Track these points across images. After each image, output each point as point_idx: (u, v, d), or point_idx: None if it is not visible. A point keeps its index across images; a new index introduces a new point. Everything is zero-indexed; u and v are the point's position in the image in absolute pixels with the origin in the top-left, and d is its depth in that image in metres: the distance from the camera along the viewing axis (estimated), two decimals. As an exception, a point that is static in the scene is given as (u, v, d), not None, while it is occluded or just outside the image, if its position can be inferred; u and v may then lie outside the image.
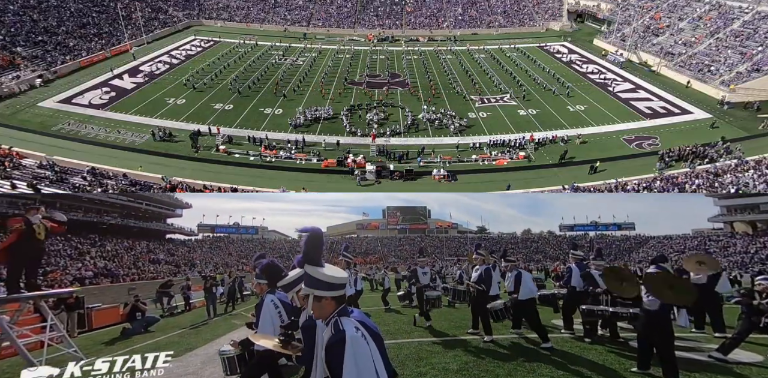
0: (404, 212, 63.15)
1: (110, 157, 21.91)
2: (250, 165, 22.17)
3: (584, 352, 6.48)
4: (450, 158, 22.85)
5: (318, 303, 2.44)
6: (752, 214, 42.38)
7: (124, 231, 33.55)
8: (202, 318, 12.56)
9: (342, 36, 50.24)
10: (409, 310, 11.80)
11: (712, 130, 25.72)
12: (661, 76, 35.94)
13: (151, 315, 11.33)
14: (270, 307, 4.19)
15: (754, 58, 32.42)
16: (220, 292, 15.37)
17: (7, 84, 28.92)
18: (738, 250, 37.11)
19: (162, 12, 50.70)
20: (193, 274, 29.09)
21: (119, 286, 22.03)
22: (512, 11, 55.85)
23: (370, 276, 22.43)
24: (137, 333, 10.18)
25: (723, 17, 38.83)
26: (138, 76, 33.79)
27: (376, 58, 41.87)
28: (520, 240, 58.11)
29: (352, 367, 2.23)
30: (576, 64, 39.55)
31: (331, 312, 2.44)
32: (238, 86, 31.41)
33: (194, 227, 49.43)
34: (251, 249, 48.76)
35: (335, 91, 32.02)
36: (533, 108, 29.36)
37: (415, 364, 5.78)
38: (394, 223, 62.99)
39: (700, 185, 19.50)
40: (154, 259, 31.38)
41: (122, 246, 30.50)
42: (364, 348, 2.30)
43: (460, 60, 40.96)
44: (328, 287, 2.41)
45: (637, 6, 47.47)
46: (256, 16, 54.57)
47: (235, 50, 42.27)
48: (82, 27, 39.94)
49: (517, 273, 7.25)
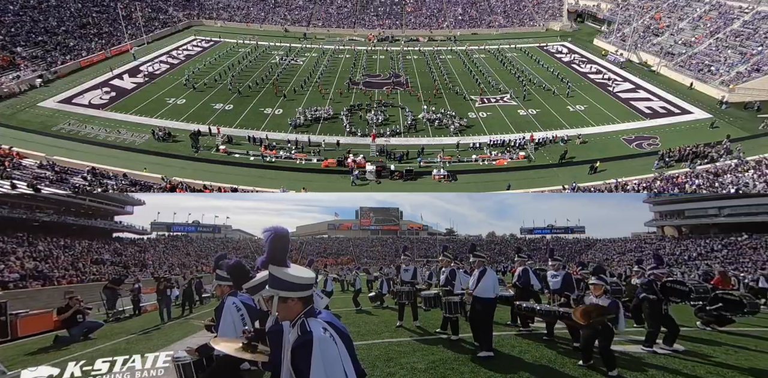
0: (377, 213, 63.58)
1: (110, 157, 21.91)
2: (250, 165, 22.17)
3: (540, 349, 6.81)
4: (450, 158, 22.85)
5: (284, 304, 2.34)
6: (678, 220, 46.84)
7: (60, 229, 30.64)
8: (154, 323, 11.65)
9: (342, 36, 50.24)
10: (380, 311, 11.83)
11: (712, 130, 25.72)
12: (661, 76, 35.94)
13: (92, 320, 10.13)
14: (232, 309, 3.97)
15: (754, 58, 32.43)
16: (176, 295, 14.46)
17: (7, 84, 28.92)
18: (666, 252, 39.91)
19: (162, 12, 50.70)
20: (145, 276, 27.16)
21: (53, 290, 20.48)
22: (512, 11, 55.85)
23: (341, 277, 21.75)
24: (75, 341, 9.02)
25: (723, 17, 38.83)
26: (138, 76, 33.80)
27: (376, 58, 41.88)
28: (484, 242, 59.36)
29: (319, 369, 2.16)
30: (576, 64, 39.55)
31: (298, 313, 2.34)
32: (238, 86, 31.41)
33: (147, 225, 46.79)
34: (212, 249, 46.25)
35: (335, 91, 32.03)
36: (533, 108, 29.36)
37: (385, 365, 5.87)
38: (367, 224, 63.21)
39: (700, 185, 19.51)
40: (97, 259, 29.00)
41: (58, 245, 28.00)
42: (333, 349, 2.23)
43: (460, 60, 40.96)
44: (293, 288, 2.33)
45: (637, 6, 47.48)
46: (256, 16, 54.57)
47: (235, 50, 42.29)
48: (82, 27, 39.94)
49: (482, 270, 6.84)
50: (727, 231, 41.18)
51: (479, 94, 31.84)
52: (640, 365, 5.95)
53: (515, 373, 5.49)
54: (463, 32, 51.73)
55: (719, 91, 30.86)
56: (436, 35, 51.17)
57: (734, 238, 38.62)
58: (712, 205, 42.87)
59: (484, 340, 6.36)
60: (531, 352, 6.62)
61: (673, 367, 5.87)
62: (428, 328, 8.48)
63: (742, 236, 38.19)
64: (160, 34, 46.11)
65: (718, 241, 39.37)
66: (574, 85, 33.10)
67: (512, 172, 22.03)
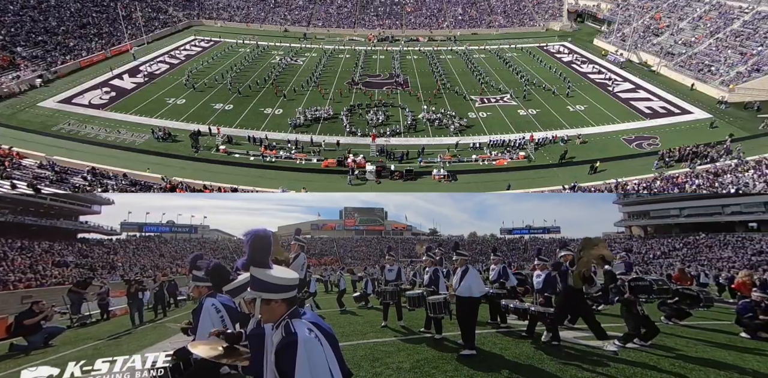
0: (362, 213, 63.17)
1: (110, 157, 21.91)
2: (250, 165, 22.18)
3: (520, 346, 6.93)
4: (450, 158, 22.86)
5: (267, 306, 2.31)
6: (644, 220, 49.60)
7: (16, 230, 29.16)
8: (124, 327, 11.06)
9: (342, 36, 50.25)
10: (365, 312, 11.81)
11: (712, 130, 25.73)
12: (661, 76, 35.95)
13: (53, 325, 9.39)
14: (211, 311, 3.79)
15: (754, 58, 32.43)
16: (147, 298, 13.85)
17: (7, 84, 28.92)
18: (634, 251, 41.53)
19: (162, 12, 50.71)
20: (114, 278, 26.10)
21: (9, 294, 19.78)
22: (512, 11, 55.86)
23: (325, 278, 21.79)
24: (36, 348, 8.38)
25: (723, 17, 38.84)
26: (138, 76, 33.80)
27: (376, 58, 41.88)
28: (466, 242, 59.70)
29: (305, 370, 2.14)
30: (576, 64, 39.55)
31: (282, 315, 2.31)
32: (238, 86, 31.41)
33: (117, 226, 45.17)
34: (188, 250, 44.35)
35: (335, 91, 32.03)
36: (533, 108, 29.36)
37: (370, 365, 5.90)
38: (352, 224, 62.40)
39: (700, 185, 19.52)
40: (59, 261, 27.57)
41: (13, 247, 26.61)
42: (318, 349, 2.21)
43: (460, 60, 40.95)
44: (276, 289, 2.29)
45: (637, 6, 47.49)
46: (256, 16, 54.58)
47: (235, 50, 42.29)
48: (82, 27, 39.94)
49: (465, 269, 6.75)
50: (686, 231, 44.34)
51: (479, 94, 31.84)
52: (611, 360, 6.12)
53: (497, 371, 5.61)
54: (463, 32, 51.74)
55: (719, 91, 30.86)
56: (436, 35, 51.18)
57: (693, 237, 41.43)
58: (674, 206, 45.64)
59: (466, 339, 6.42)
60: (511, 349, 6.75)
61: (641, 360, 6.08)
62: (412, 328, 8.54)
63: (700, 235, 40.87)
64: (160, 34, 46.12)
65: (679, 240, 41.79)
66: (574, 85, 33.10)
67: (512, 172, 22.03)
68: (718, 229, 41.42)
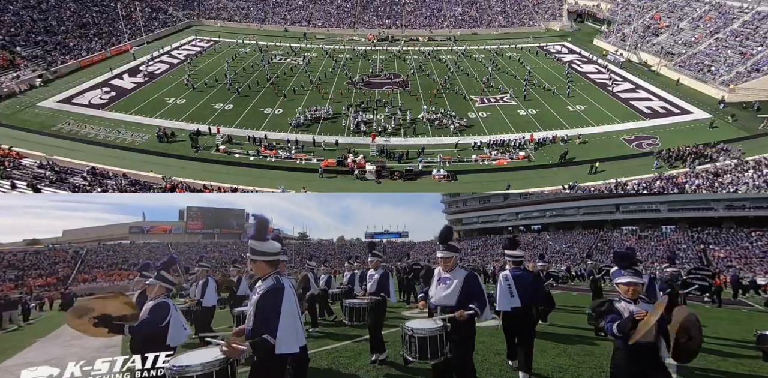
0: (213, 215, 55.28)
1: (110, 157, 21.90)
2: (250, 165, 22.17)
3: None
4: (450, 158, 22.85)
5: (255, 264, 3.33)
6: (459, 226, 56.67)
7: None
8: None
9: (342, 36, 50.23)
10: None
11: (711, 130, 25.73)
12: (661, 76, 35.94)
13: None
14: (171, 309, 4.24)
15: (753, 58, 32.42)
16: None
17: (7, 84, 28.91)
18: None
19: (162, 12, 50.70)
20: None
21: None
22: (512, 11, 55.85)
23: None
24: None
25: (723, 17, 38.83)
26: (138, 76, 33.78)
27: (376, 58, 41.87)
28: (336, 246, 59.65)
29: (286, 309, 3.14)
30: (576, 64, 39.52)
31: (268, 271, 3.32)
32: (238, 86, 31.40)
33: None
34: None
35: (335, 91, 32.02)
36: (533, 108, 29.35)
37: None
38: (197, 227, 54.08)
39: (700, 185, 19.52)
40: None
41: None
42: (293, 296, 3.30)
43: (460, 60, 40.95)
44: (261, 254, 3.31)
45: (637, 6, 47.48)
46: (256, 16, 54.56)
47: (235, 50, 42.28)
48: (82, 27, 39.93)
49: (384, 272, 6.35)
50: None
51: (479, 94, 31.83)
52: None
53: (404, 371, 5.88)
54: (463, 32, 51.72)
55: (719, 91, 30.85)
56: (436, 35, 51.16)
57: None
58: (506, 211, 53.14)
59: (374, 346, 6.26)
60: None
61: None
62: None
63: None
64: (160, 33, 46.08)
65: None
66: (574, 85, 33.09)
67: (512, 172, 22.02)
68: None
